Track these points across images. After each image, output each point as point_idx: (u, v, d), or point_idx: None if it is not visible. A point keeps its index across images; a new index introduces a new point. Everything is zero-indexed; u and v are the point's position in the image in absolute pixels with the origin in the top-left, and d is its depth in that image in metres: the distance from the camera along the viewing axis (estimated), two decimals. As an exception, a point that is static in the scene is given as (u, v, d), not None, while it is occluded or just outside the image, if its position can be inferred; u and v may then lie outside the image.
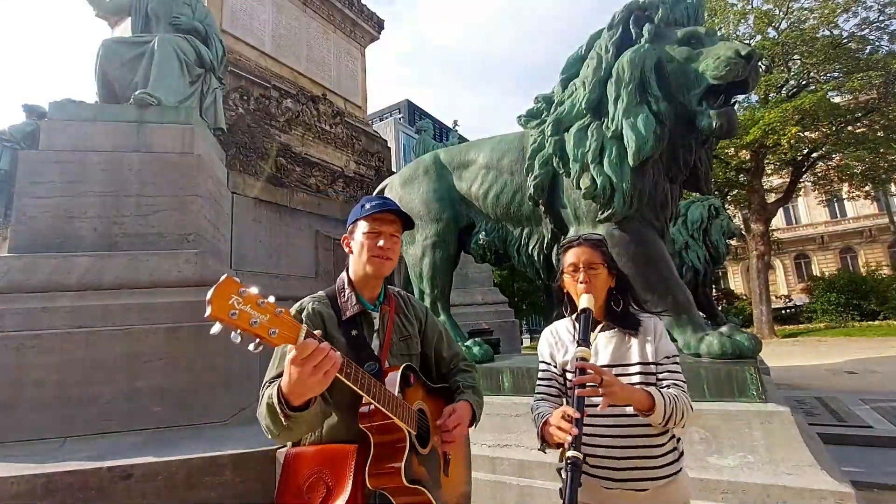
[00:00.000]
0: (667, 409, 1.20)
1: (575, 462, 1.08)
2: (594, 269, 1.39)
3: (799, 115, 14.68)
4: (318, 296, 1.35)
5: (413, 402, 1.22)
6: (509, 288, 22.28)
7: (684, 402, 1.25)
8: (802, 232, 31.58)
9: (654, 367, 1.34)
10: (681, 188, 3.00)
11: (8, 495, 2.53)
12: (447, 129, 20.47)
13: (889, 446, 3.50)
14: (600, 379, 1.15)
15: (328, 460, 1.14)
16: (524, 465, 2.59)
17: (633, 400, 1.20)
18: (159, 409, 3.37)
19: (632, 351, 1.36)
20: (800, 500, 1.93)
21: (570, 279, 1.42)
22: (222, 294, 0.85)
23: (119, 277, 3.64)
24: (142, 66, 4.56)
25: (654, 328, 1.38)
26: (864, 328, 16.41)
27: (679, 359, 1.38)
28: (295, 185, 7.16)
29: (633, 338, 1.37)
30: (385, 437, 1.14)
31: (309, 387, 0.98)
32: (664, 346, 1.36)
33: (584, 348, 1.22)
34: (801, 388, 6.36)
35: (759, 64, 2.73)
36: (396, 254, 1.35)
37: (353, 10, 9.55)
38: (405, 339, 1.39)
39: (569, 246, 1.45)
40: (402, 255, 3.82)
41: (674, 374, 1.33)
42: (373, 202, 1.33)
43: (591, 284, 1.37)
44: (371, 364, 1.23)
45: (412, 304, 1.50)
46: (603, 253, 1.42)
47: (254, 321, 0.87)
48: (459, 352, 1.57)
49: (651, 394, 1.21)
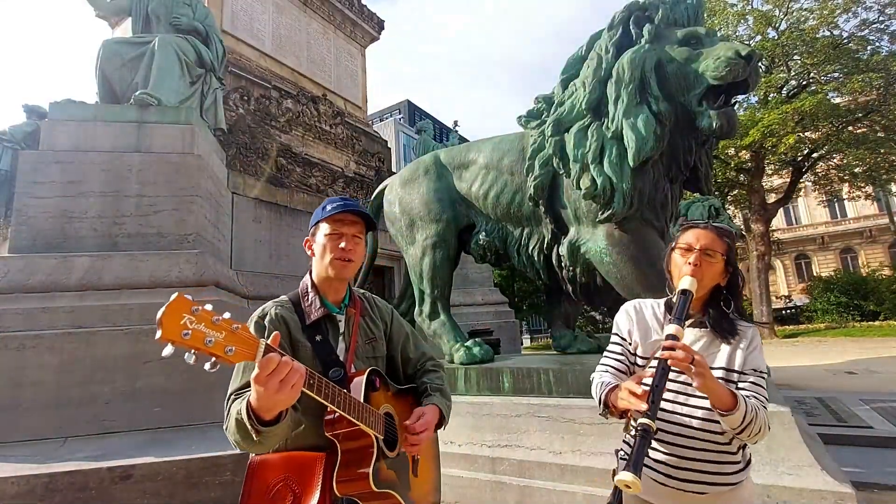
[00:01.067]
0: (747, 417, 1.11)
1: (646, 429, 1.01)
2: (711, 256, 1.25)
3: (799, 116, 14.69)
4: (280, 300, 1.32)
5: (379, 406, 1.21)
6: (509, 288, 22.28)
7: (763, 417, 1.15)
8: (802, 232, 31.56)
9: (738, 375, 1.23)
10: (681, 188, 3.00)
11: (8, 495, 2.53)
12: (447, 130, 20.47)
13: (889, 446, 3.50)
14: (692, 357, 1.07)
15: (295, 467, 1.12)
16: (524, 465, 2.59)
17: (717, 393, 1.10)
18: (159, 409, 3.37)
19: (718, 355, 1.25)
20: (800, 500, 1.93)
21: (679, 258, 1.29)
22: (174, 313, 0.82)
23: (119, 277, 3.64)
24: (142, 66, 4.57)
25: (750, 338, 1.26)
26: (864, 328, 16.41)
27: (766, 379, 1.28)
28: (295, 186, 7.16)
29: (726, 343, 1.25)
30: (352, 444, 1.12)
31: (278, 401, 0.95)
32: (754, 358, 1.24)
33: (678, 326, 1.13)
34: (801, 389, 6.36)
35: (759, 64, 2.73)
36: (359, 255, 1.31)
37: (354, 11, 9.56)
38: (371, 342, 1.37)
39: (692, 226, 1.32)
40: (403, 255, 3.82)
41: (757, 387, 1.21)
42: (334, 203, 1.30)
43: (700, 270, 1.24)
44: (336, 370, 1.21)
45: (377, 305, 1.47)
46: (727, 245, 1.28)
47: (208, 340, 0.84)
48: (427, 351, 1.54)
49: (737, 395, 1.12)
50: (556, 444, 2.60)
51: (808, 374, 7.92)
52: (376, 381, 1.23)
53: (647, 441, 1.02)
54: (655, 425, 1.04)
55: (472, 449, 2.81)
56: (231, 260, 5.47)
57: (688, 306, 1.19)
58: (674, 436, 1.23)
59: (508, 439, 2.76)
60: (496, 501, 2.57)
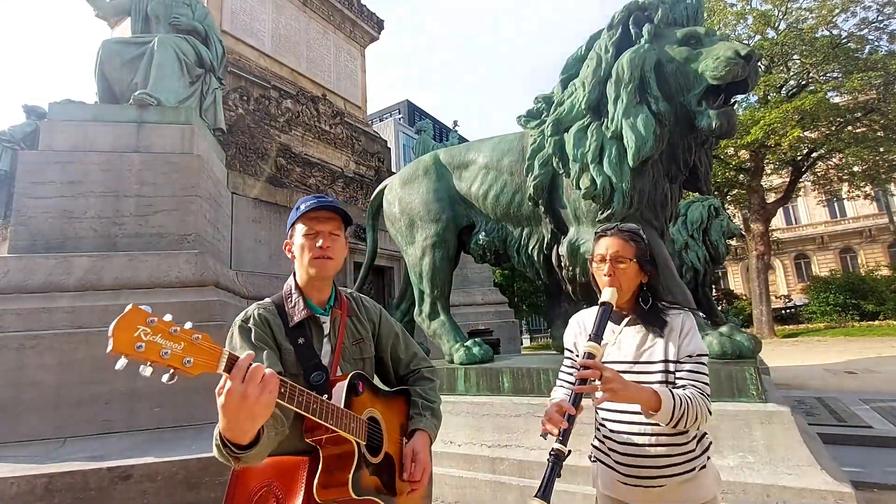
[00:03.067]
0: (675, 412, 1.15)
1: (557, 455, 1.05)
2: (622, 263, 1.30)
3: (799, 115, 14.69)
4: (264, 303, 1.30)
5: (363, 411, 1.18)
6: (509, 288, 22.28)
7: (699, 403, 1.18)
8: (802, 232, 31.57)
9: (674, 366, 1.27)
10: (680, 188, 3.00)
11: (8, 495, 2.53)
12: (447, 130, 20.46)
13: (889, 446, 3.50)
14: (599, 374, 1.12)
15: (278, 472, 1.11)
16: (524, 465, 2.59)
17: (636, 399, 1.16)
18: (159, 409, 3.37)
19: (656, 348, 1.29)
20: (800, 499, 1.93)
21: (597, 270, 1.35)
22: (126, 325, 0.80)
23: (119, 278, 3.64)
24: (142, 66, 4.57)
25: (681, 325, 1.30)
26: (863, 328, 16.41)
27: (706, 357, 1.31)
28: (295, 186, 7.16)
29: (659, 337, 1.30)
30: (333, 450, 1.10)
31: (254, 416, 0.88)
32: (688, 344, 1.28)
33: (594, 343, 1.18)
34: (801, 388, 6.36)
35: (758, 64, 2.73)
36: (338, 252, 1.28)
37: (353, 11, 9.56)
38: (358, 343, 1.34)
39: (601, 234, 1.37)
40: (403, 255, 3.82)
41: (693, 374, 1.25)
42: (308, 202, 1.26)
43: (616, 279, 1.29)
44: (318, 374, 1.19)
45: (365, 305, 1.44)
46: (636, 246, 1.32)
47: (164, 352, 0.81)
48: (419, 352, 1.51)
49: (659, 394, 1.16)
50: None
51: (808, 373, 7.92)
52: (359, 385, 1.19)
53: (559, 465, 1.04)
54: (567, 450, 1.07)
55: (472, 449, 2.81)
56: (231, 260, 5.47)
57: (606, 319, 1.24)
58: (625, 434, 1.28)
59: (508, 439, 2.76)
60: (496, 501, 2.57)
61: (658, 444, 1.25)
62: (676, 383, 1.25)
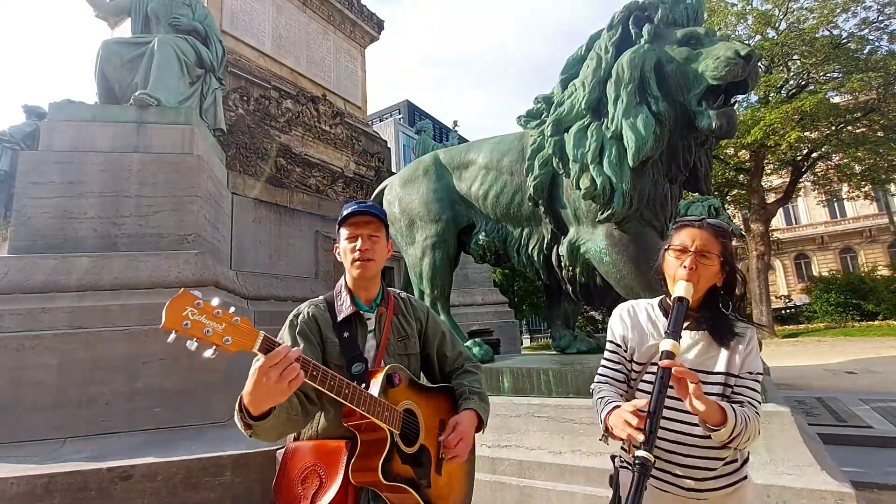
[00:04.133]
0: (735, 430, 1.08)
1: (644, 464, 0.99)
2: (706, 257, 1.20)
3: (799, 116, 14.69)
4: (316, 300, 1.40)
5: (399, 402, 1.24)
6: (509, 288, 22.28)
7: (754, 425, 1.13)
8: (802, 232, 31.56)
9: (735, 379, 1.21)
10: (680, 188, 3.00)
11: (8, 496, 2.53)
12: (447, 130, 20.47)
13: (889, 446, 3.50)
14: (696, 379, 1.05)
15: (322, 454, 1.20)
16: (524, 465, 2.59)
17: (707, 412, 1.08)
18: (159, 409, 3.37)
19: (718, 358, 1.22)
20: (800, 500, 1.93)
21: (674, 260, 1.24)
22: (177, 305, 0.93)
23: (119, 278, 3.64)
24: (141, 66, 4.57)
25: (748, 339, 1.23)
26: (863, 328, 16.41)
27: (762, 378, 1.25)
28: (295, 186, 7.16)
29: (724, 347, 1.22)
30: (369, 436, 1.17)
31: (270, 395, 1.00)
32: (751, 360, 1.21)
33: (674, 342, 1.09)
34: (801, 389, 6.36)
35: (758, 64, 2.73)
36: (379, 253, 1.37)
37: (353, 11, 9.56)
38: (403, 339, 1.41)
39: (686, 224, 1.26)
40: (402, 255, 3.82)
41: (751, 391, 1.19)
42: (349, 208, 1.36)
43: (696, 273, 1.19)
44: (358, 365, 1.27)
45: (412, 304, 1.52)
46: (724, 244, 1.23)
47: (207, 330, 0.94)
48: (464, 351, 1.58)
49: (725, 410, 1.09)
50: (555, 445, 2.60)
51: (808, 373, 7.92)
52: (396, 377, 1.26)
53: (646, 476, 1.00)
54: (654, 457, 1.01)
55: (472, 449, 2.81)
56: (231, 260, 5.47)
57: (683, 317, 1.14)
58: (669, 443, 1.22)
59: (508, 439, 2.76)
60: (496, 501, 2.57)
61: (703, 457, 1.19)
62: (733, 398, 1.19)
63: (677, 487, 1.21)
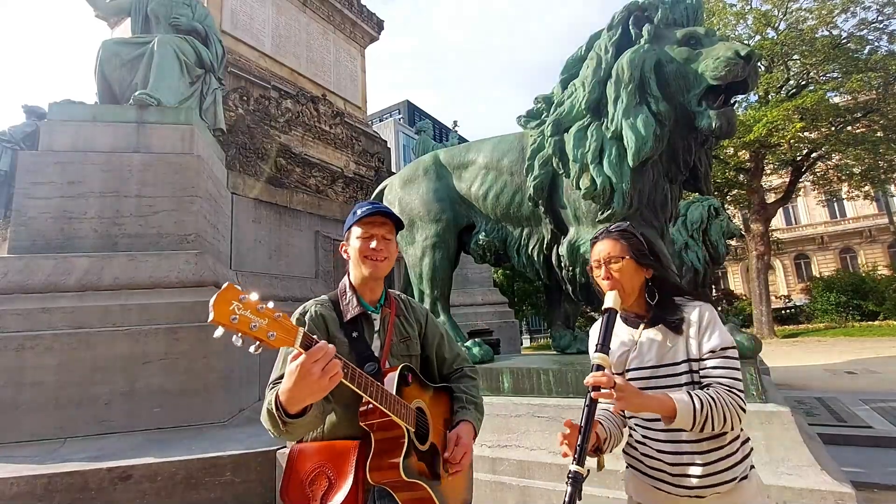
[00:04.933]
0: (697, 415, 1.08)
1: (575, 477, 1.00)
2: (615, 262, 1.27)
3: (800, 113, 14.70)
4: (321, 299, 1.40)
5: (411, 401, 1.26)
6: (509, 288, 22.29)
7: (726, 402, 1.11)
8: (802, 232, 31.57)
9: (697, 364, 1.20)
10: (680, 188, 3.00)
11: (8, 495, 2.53)
12: (447, 130, 20.47)
13: (889, 446, 3.50)
14: (613, 383, 1.07)
15: (331, 455, 1.19)
16: (524, 465, 2.59)
17: (649, 408, 1.10)
18: (159, 409, 3.37)
19: (678, 347, 1.22)
20: (800, 499, 1.93)
21: (596, 277, 1.32)
22: (224, 300, 0.91)
23: (119, 278, 3.64)
24: (141, 66, 4.57)
25: (698, 319, 1.22)
26: (863, 328, 16.42)
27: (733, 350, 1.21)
28: (295, 186, 7.16)
29: (679, 334, 1.23)
30: (385, 434, 1.18)
31: (312, 391, 1.00)
32: (709, 338, 1.20)
33: (602, 354, 1.13)
34: (801, 389, 6.36)
35: (758, 64, 2.73)
36: (391, 254, 1.38)
37: (353, 11, 9.56)
38: (405, 341, 1.43)
39: (593, 241, 1.36)
40: (402, 255, 3.82)
41: (719, 369, 1.17)
42: (363, 207, 1.37)
43: (616, 280, 1.26)
44: (371, 364, 1.28)
45: (412, 306, 1.54)
46: (627, 243, 1.28)
47: (253, 325, 0.93)
48: (461, 353, 1.59)
49: (673, 399, 1.09)
50: (555, 445, 2.58)
51: (808, 374, 7.92)
52: (409, 376, 1.28)
53: (578, 488, 1.00)
54: (586, 470, 1.02)
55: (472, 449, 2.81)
56: (231, 260, 5.47)
57: (611, 326, 1.19)
58: (660, 442, 1.22)
59: (508, 439, 2.76)
60: (496, 501, 2.57)
61: (694, 452, 1.17)
62: (702, 383, 1.18)
63: (673, 486, 1.20)
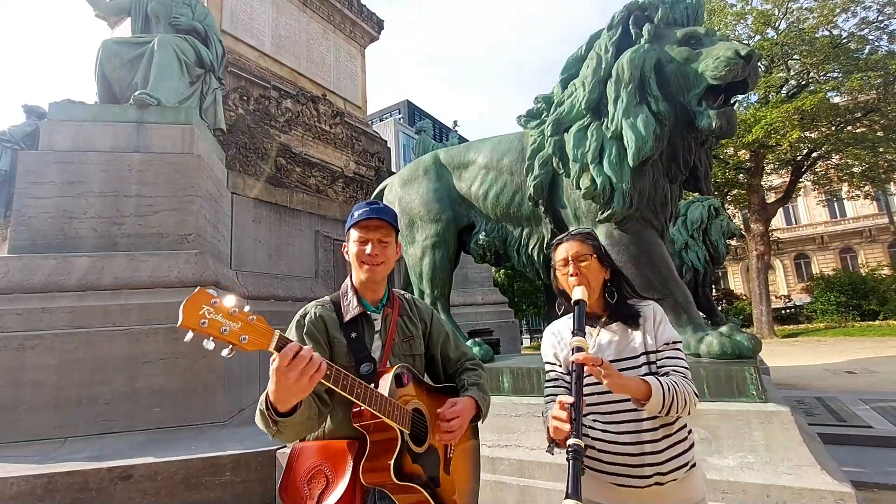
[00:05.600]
0: (665, 397, 1.16)
1: (576, 449, 1.03)
2: (584, 260, 1.35)
3: (799, 115, 14.70)
4: (322, 301, 1.41)
5: (408, 402, 1.25)
6: (509, 288, 22.29)
7: (686, 389, 1.20)
8: (802, 232, 31.56)
9: (655, 355, 1.30)
10: (680, 188, 3.00)
11: (8, 495, 2.53)
12: (447, 130, 20.47)
13: (889, 446, 3.50)
14: (601, 361, 1.12)
15: (329, 455, 1.20)
16: (524, 465, 2.59)
17: (628, 387, 1.16)
18: (159, 409, 3.37)
19: (635, 342, 1.32)
20: (799, 499, 1.93)
21: (562, 275, 1.39)
22: (193, 304, 0.92)
23: (119, 278, 3.64)
24: (141, 66, 4.57)
25: (652, 315, 1.34)
26: (863, 328, 16.41)
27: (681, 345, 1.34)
28: (295, 186, 7.16)
29: (635, 329, 1.33)
30: (379, 436, 1.18)
31: (292, 392, 1.01)
32: (663, 332, 1.32)
33: (580, 337, 1.18)
34: (801, 388, 6.36)
35: (758, 64, 2.73)
36: (388, 257, 1.38)
37: (353, 11, 9.56)
38: (408, 340, 1.43)
39: (558, 243, 1.44)
40: (402, 255, 3.82)
41: (673, 360, 1.29)
42: (360, 210, 1.37)
43: (583, 276, 1.34)
44: (367, 365, 1.28)
45: (417, 306, 1.54)
46: (592, 244, 1.39)
47: (224, 329, 0.93)
48: (467, 351, 1.60)
49: (649, 382, 1.17)
50: (555, 444, 2.59)
51: (808, 373, 7.92)
52: (404, 377, 1.27)
53: (580, 460, 1.03)
54: (584, 442, 1.05)
55: (472, 449, 2.81)
56: (231, 260, 5.47)
57: (584, 315, 1.25)
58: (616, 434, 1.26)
59: (508, 439, 2.76)
60: (496, 501, 2.57)
61: (653, 440, 1.24)
62: (659, 372, 1.26)
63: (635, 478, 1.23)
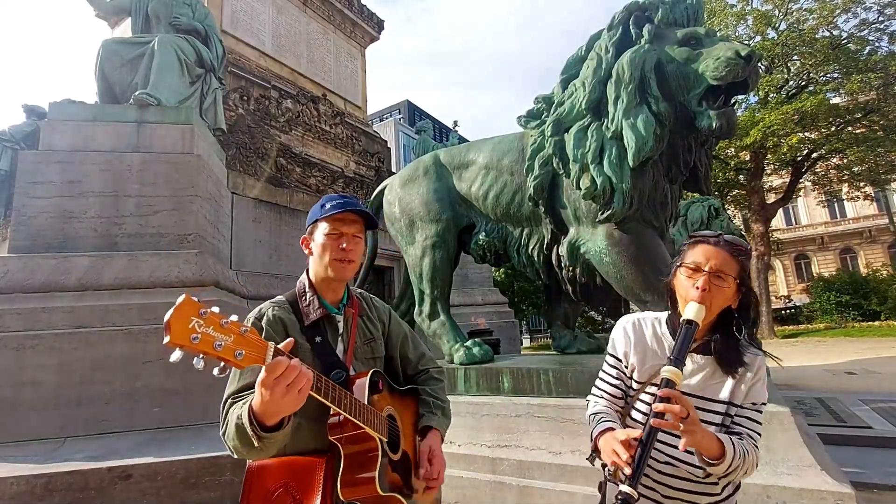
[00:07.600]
0: (734, 463, 1.03)
1: (627, 500, 0.95)
2: (721, 279, 1.10)
3: (799, 116, 14.71)
4: (277, 301, 1.28)
5: (382, 409, 1.19)
6: (509, 288, 22.28)
7: (753, 458, 1.07)
8: (802, 232, 31.57)
9: (736, 409, 1.14)
10: (680, 188, 3.00)
11: (8, 495, 2.53)
12: (447, 130, 20.48)
13: (889, 446, 3.50)
14: (686, 414, 0.98)
15: (295, 472, 1.09)
16: (524, 465, 2.59)
17: (701, 446, 1.02)
18: (159, 409, 3.37)
19: (724, 386, 1.15)
20: (799, 500, 1.93)
21: (686, 279, 1.15)
22: (182, 316, 0.79)
23: (119, 278, 3.64)
24: (142, 66, 4.56)
25: (756, 368, 1.15)
26: (863, 328, 16.42)
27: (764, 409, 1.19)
28: (295, 186, 7.16)
29: (730, 374, 1.14)
30: (356, 447, 1.09)
31: (283, 406, 0.93)
32: (757, 390, 1.14)
33: (676, 370, 1.02)
34: (800, 389, 6.37)
35: (758, 64, 2.73)
36: (359, 255, 1.28)
37: (353, 11, 9.56)
38: (369, 343, 1.33)
39: (702, 240, 1.17)
40: (403, 255, 3.82)
41: (752, 422, 1.13)
42: (333, 201, 1.25)
43: (709, 295, 1.10)
44: (338, 372, 1.18)
45: (375, 305, 1.44)
46: (741, 264, 1.13)
47: (217, 344, 0.81)
48: (426, 353, 1.52)
49: (723, 443, 1.03)
50: (555, 445, 2.60)
51: (808, 374, 7.93)
52: (379, 382, 1.20)
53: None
54: (637, 494, 0.97)
55: (472, 449, 2.81)
56: (231, 260, 5.47)
57: (689, 342, 1.07)
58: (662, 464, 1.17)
59: (508, 439, 2.76)
60: (496, 501, 2.57)
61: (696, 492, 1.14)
62: (732, 428, 1.13)
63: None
